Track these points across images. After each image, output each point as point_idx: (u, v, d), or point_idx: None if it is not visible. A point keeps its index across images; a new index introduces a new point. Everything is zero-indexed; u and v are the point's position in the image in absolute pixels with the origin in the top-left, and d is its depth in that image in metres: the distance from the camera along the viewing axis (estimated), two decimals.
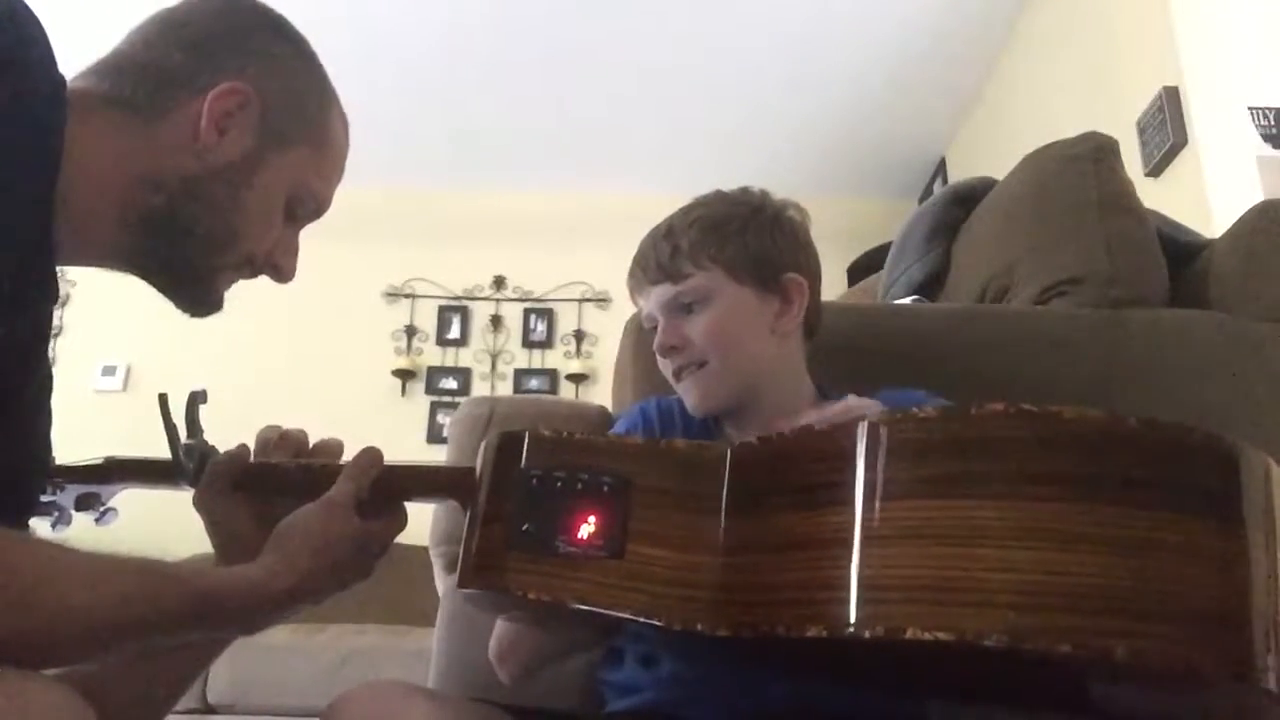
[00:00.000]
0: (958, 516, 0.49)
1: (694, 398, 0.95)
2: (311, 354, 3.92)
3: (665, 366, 0.97)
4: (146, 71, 0.73)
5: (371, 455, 0.75)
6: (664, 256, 0.95)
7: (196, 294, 0.78)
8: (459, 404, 1.37)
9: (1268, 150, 2.07)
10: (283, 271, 0.81)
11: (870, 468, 0.52)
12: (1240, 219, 1.31)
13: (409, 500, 0.76)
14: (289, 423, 0.84)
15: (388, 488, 0.74)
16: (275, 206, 0.78)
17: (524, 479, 0.63)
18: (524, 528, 0.62)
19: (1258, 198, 1.74)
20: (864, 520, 0.51)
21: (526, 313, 4.23)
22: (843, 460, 0.54)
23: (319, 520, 0.69)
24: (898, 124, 3.88)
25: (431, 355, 4.16)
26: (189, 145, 0.72)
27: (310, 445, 0.81)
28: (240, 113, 0.74)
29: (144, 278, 0.75)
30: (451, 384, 4.08)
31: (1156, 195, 2.16)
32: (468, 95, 3.69)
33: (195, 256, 0.76)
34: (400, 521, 0.75)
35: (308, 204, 0.80)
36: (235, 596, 0.64)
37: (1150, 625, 0.45)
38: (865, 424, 0.54)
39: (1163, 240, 1.28)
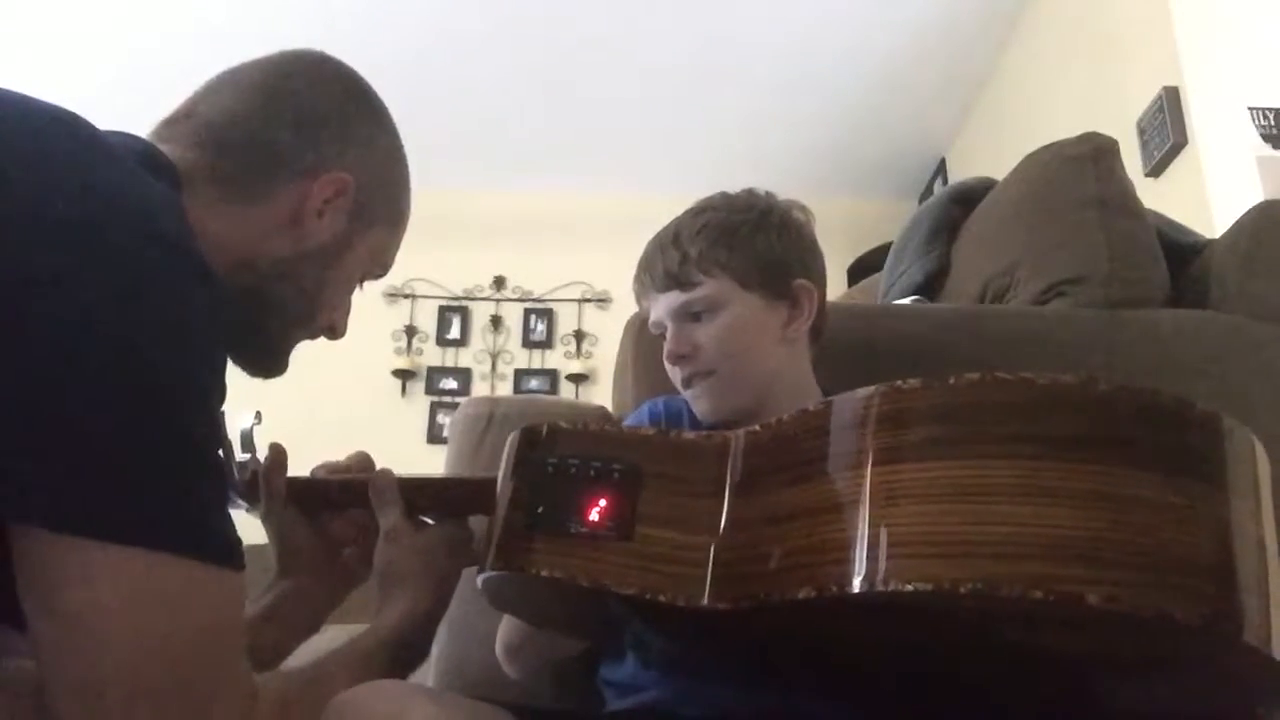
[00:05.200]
0: (938, 477, 0.51)
1: (704, 406, 0.94)
2: (311, 354, 3.91)
3: (674, 374, 0.96)
4: (251, 149, 0.73)
5: (384, 477, 0.79)
6: (672, 264, 0.95)
7: (269, 362, 0.80)
8: (459, 404, 1.37)
9: (1268, 150, 2.07)
10: (338, 332, 0.83)
11: (856, 438, 0.55)
12: (1240, 219, 1.31)
13: (441, 517, 0.80)
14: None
15: (427, 505, 0.80)
16: (353, 283, 0.81)
17: (541, 467, 0.68)
18: (539, 510, 0.66)
19: (1258, 198, 1.74)
20: (850, 487, 0.54)
21: (526, 313, 4.23)
22: (831, 434, 0.57)
23: (395, 551, 0.76)
24: (898, 124, 3.88)
25: (431, 355, 4.16)
26: (285, 228, 0.73)
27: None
28: (339, 199, 0.75)
29: None
30: (451, 384, 4.08)
31: (1156, 195, 2.16)
32: (467, 95, 3.69)
33: (275, 332, 0.78)
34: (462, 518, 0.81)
35: (375, 273, 0.83)
36: (408, 636, 0.73)
37: (1122, 573, 0.47)
38: (851, 398, 0.57)
39: (1163, 240, 1.28)
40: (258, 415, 0.80)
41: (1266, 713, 0.57)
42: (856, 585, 0.50)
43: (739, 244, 0.94)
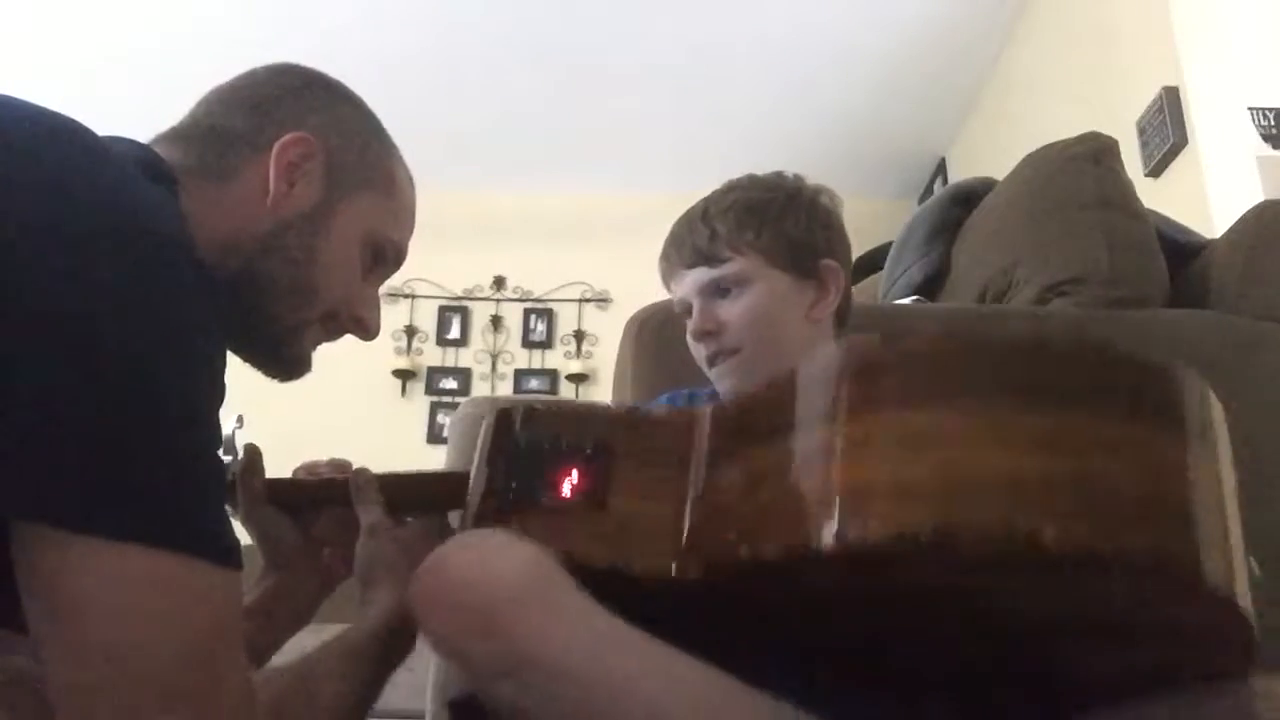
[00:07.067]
0: (898, 430, 0.52)
1: (728, 385, 0.94)
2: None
3: (698, 352, 0.96)
4: (211, 136, 0.75)
5: (363, 474, 0.81)
6: (701, 240, 0.95)
7: (282, 354, 0.79)
8: (459, 404, 1.37)
9: (1268, 150, 2.07)
10: (367, 326, 0.81)
11: (820, 398, 0.57)
12: (1240, 219, 1.31)
13: (421, 514, 0.81)
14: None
15: (408, 503, 0.81)
16: (351, 256, 0.79)
17: (515, 444, 0.69)
18: (512, 485, 0.67)
19: (1258, 198, 1.74)
20: (813, 445, 0.55)
21: (526, 313, 4.23)
22: (798, 398, 0.58)
23: (376, 545, 0.76)
24: (898, 124, 3.88)
25: (431, 355, 4.15)
26: (260, 202, 0.73)
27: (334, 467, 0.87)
28: (305, 163, 0.75)
29: (232, 349, 0.74)
30: (451, 384, 4.08)
31: (1156, 195, 2.16)
32: (467, 95, 3.69)
33: (277, 314, 0.76)
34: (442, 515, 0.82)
35: (385, 253, 0.81)
36: (395, 629, 0.73)
37: (1080, 513, 0.48)
38: (814, 361, 0.58)
39: (1163, 240, 1.28)
40: (239, 419, 0.81)
41: (1236, 671, 0.57)
42: (821, 538, 0.51)
43: (768, 222, 0.94)
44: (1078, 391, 0.51)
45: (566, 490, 0.65)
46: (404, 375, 4.05)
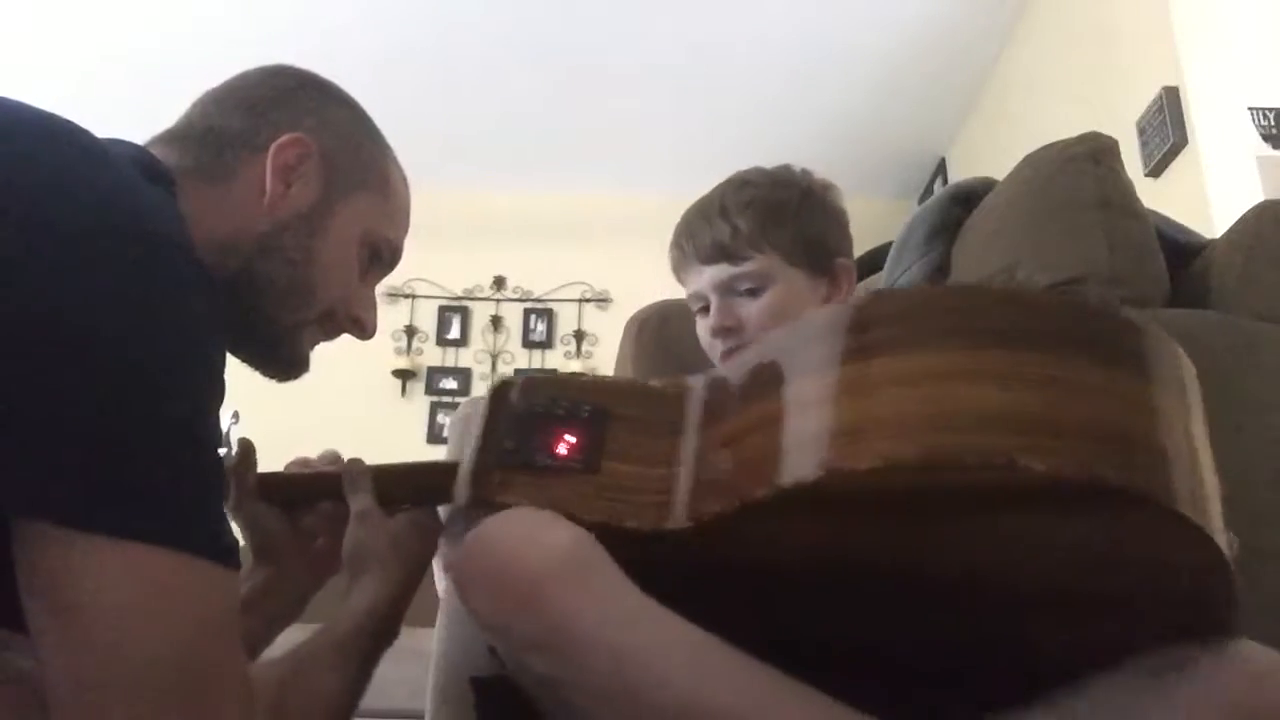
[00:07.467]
0: (887, 374, 0.54)
1: None
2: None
3: (714, 348, 0.97)
4: (208, 138, 0.75)
5: (356, 465, 0.82)
6: (722, 236, 0.95)
7: (281, 354, 0.80)
8: (459, 404, 1.37)
9: (1268, 150, 2.07)
10: (364, 326, 0.82)
11: (812, 350, 0.58)
12: (1240, 219, 1.31)
13: (413, 506, 0.81)
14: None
15: (400, 496, 0.81)
16: (348, 256, 0.79)
17: (512, 410, 0.70)
18: (508, 447, 0.68)
19: (1258, 198, 1.74)
20: (800, 392, 0.57)
21: (526, 313, 4.23)
22: (790, 352, 0.60)
23: (366, 532, 0.77)
24: (898, 124, 3.88)
25: (431, 355, 4.15)
26: (258, 203, 0.74)
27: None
28: (302, 165, 0.75)
29: (230, 349, 0.75)
30: (451, 384, 4.08)
31: (1156, 195, 2.16)
32: (466, 95, 3.69)
33: (275, 314, 0.77)
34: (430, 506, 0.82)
35: (382, 253, 0.82)
36: (382, 618, 0.74)
37: (1057, 441, 0.49)
38: (810, 316, 0.61)
39: (1163, 240, 1.28)
40: (235, 415, 0.81)
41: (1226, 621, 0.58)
42: (810, 471, 0.52)
43: (787, 221, 0.96)
44: (1055, 335, 0.53)
45: (562, 450, 0.66)
46: (404, 375, 4.05)
